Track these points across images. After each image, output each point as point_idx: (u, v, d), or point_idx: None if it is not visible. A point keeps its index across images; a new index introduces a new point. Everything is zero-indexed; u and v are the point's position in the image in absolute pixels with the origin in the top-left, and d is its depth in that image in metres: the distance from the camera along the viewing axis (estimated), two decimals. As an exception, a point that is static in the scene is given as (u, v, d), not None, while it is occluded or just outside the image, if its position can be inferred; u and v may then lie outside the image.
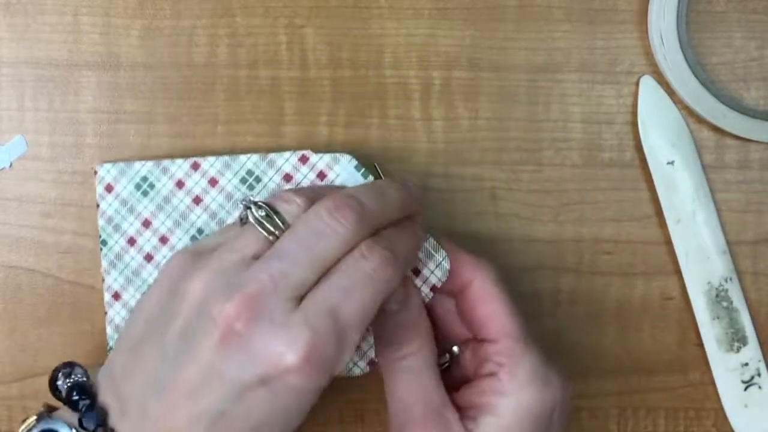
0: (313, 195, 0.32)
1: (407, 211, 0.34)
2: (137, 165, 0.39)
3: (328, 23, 0.41)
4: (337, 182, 0.36)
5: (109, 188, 0.39)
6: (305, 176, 0.37)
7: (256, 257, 0.31)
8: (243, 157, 0.38)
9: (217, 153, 0.41)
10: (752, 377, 0.40)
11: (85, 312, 0.41)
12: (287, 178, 0.37)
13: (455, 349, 0.37)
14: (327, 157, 0.37)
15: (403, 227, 0.33)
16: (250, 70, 0.41)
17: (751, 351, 0.40)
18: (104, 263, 0.39)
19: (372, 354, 0.37)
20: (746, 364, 0.40)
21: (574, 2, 0.41)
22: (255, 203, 0.32)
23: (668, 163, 0.40)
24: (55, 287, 0.41)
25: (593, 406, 0.42)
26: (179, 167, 0.38)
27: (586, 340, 0.41)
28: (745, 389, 0.40)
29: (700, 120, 0.41)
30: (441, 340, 0.36)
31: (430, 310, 0.36)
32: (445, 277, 0.36)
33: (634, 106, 0.41)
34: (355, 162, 0.36)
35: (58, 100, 0.41)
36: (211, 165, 0.38)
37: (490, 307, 0.34)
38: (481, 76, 0.41)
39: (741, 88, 0.41)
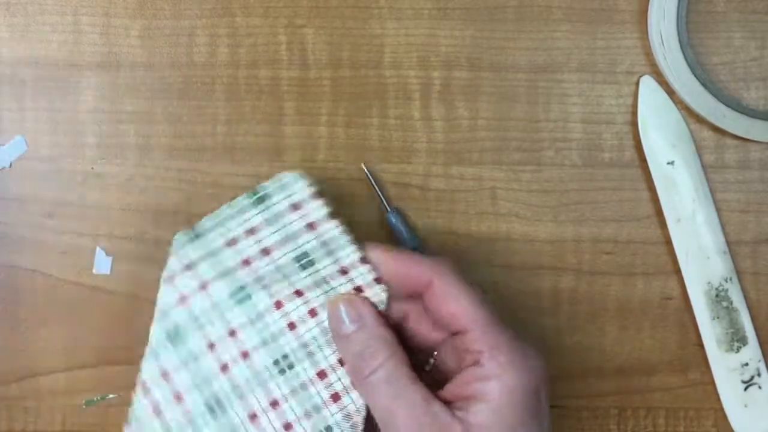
0: None
1: None
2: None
3: (328, 23, 0.41)
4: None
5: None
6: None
7: None
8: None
9: (217, 153, 0.41)
10: (752, 377, 0.40)
11: (85, 312, 0.41)
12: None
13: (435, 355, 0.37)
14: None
15: None
16: (250, 70, 0.41)
17: (751, 351, 0.40)
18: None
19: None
20: (746, 364, 0.40)
21: (574, 2, 0.41)
22: None
23: (668, 163, 0.40)
24: (55, 287, 0.41)
25: (593, 406, 0.42)
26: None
27: (586, 340, 0.41)
28: (745, 389, 0.40)
29: (700, 120, 0.41)
30: (419, 350, 0.36)
31: (403, 324, 0.36)
32: (375, 277, 0.35)
33: (634, 106, 0.41)
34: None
35: (58, 100, 0.41)
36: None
37: (455, 301, 0.34)
38: (481, 76, 0.41)
39: (741, 88, 0.41)
